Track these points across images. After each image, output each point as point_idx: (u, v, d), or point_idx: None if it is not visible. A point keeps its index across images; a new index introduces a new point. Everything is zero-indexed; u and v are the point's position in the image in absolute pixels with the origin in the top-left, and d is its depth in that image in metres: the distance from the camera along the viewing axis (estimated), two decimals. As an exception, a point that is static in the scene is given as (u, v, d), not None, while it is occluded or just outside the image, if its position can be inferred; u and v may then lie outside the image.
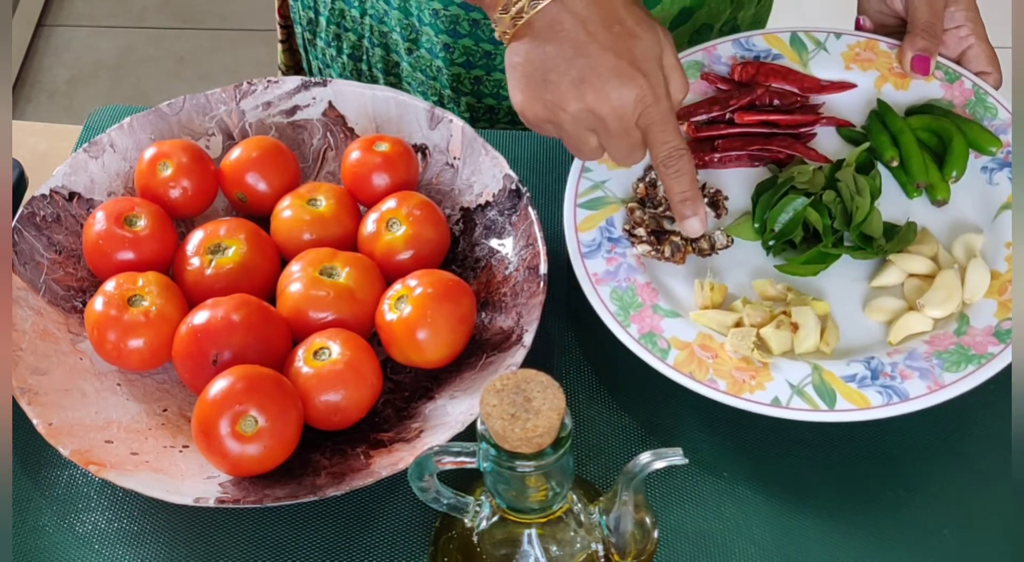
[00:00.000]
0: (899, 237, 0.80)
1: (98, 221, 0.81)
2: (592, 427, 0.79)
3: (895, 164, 0.85)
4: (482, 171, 0.85)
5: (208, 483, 0.71)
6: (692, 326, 0.77)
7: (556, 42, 0.73)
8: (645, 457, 0.59)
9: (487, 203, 0.85)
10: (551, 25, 0.73)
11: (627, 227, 0.83)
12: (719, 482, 0.76)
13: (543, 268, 0.78)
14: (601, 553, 0.63)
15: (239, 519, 0.74)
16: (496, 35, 0.76)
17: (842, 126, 0.88)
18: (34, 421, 0.73)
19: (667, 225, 0.83)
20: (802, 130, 0.88)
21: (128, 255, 0.80)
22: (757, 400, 0.73)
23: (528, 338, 0.75)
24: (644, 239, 0.82)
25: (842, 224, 0.81)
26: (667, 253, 0.81)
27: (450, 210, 0.87)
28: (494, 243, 0.83)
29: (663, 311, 0.78)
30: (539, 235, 0.80)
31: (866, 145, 0.86)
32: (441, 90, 1.02)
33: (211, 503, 0.69)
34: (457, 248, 0.85)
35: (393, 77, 1.05)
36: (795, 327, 0.77)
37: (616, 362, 0.79)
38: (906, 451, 0.77)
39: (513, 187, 0.83)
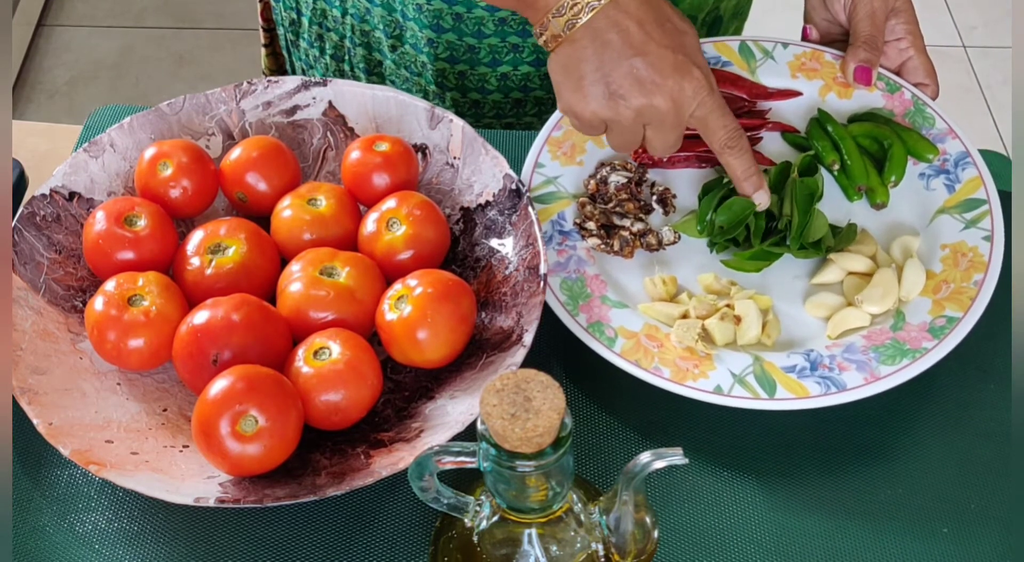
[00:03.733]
0: (840, 237, 0.83)
1: (98, 221, 0.80)
2: (592, 427, 0.79)
3: (836, 168, 0.87)
4: (482, 171, 0.85)
5: (208, 483, 0.71)
6: (639, 317, 0.80)
7: (615, 42, 0.75)
8: (645, 457, 0.59)
9: (487, 203, 0.85)
10: (609, 26, 0.75)
11: (578, 221, 0.85)
12: (719, 482, 0.76)
13: (543, 268, 0.78)
14: (601, 553, 0.63)
15: (239, 519, 0.74)
16: (540, 40, 0.78)
17: (787, 131, 0.91)
18: (34, 421, 0.73)
19: (616, 220, 0.85)
20: (749, 134, 0.90)
21: (128, 255, 0.80)
22: (700, 387, 0.75)
23: (528, 338, 0.75)
24: (594, 233, 0.84)
25: (784, 225, 0.84)
26: (616, 247, 0.84)
27: (450, 210, 0.87)
28: (494, 243, 0.83)
29: (611, 302, 0.80)
30: (539, 235, 0.80)
31: (812, 153, 0.88)
32: (426, 86, 1.02)
33: (211, 503, 0.69)
34: (457, 248, 0.85)
35: (376, 76, 1.05)
36: (738, 320, 0.79)
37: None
38: (905, 450, 0.78)
39: (513, 187, 0.83)
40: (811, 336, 0.80)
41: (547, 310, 0.78)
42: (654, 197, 0.88)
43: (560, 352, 0.82)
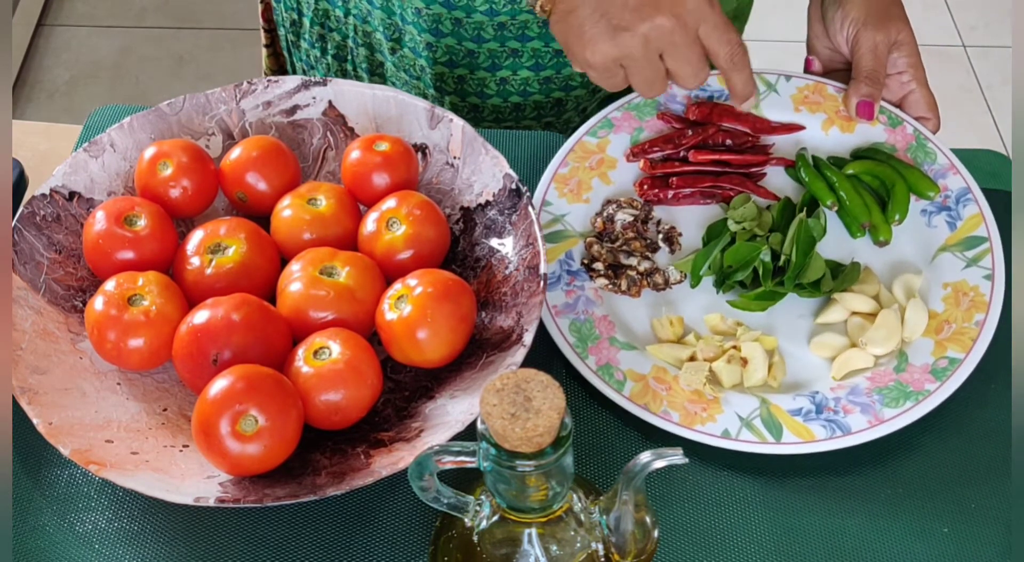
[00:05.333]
0: (843, 276, 0.84)
1: (98, 221, 0.80)
2: (592, 426, 0.79)
3: (835, 209, 0.88)
4: (482, 170, 0.85)
5: (208, 483, 0.71)
6: (647, 359, 0.80)
7: None
8: (645, 456, 0.59)
9: (487, 202, 0.85)
10: None
11: (585, 261, 0.86)
12: (719, 482, 0.76)
13: (543, 268, 0.78)
14: (601, 552, 0.63)
15: (239, 519, 0.74)
16: (537, 8, 0.79)
17: (790, 166, 0.92)
18: (34, 421, 0.73)
19: (623, 259, 0.86)
20: (753, 169, 0.91)
21: (128, 255, 0.80)
22: (708, 432, 0.76)
23: (528, 337, 0.75)
24: (602, 273, 0.85)
25: (784, 263, 0.85)
26: (623, 287, 0.85)
27: (450, 209, 0.87)
28: (494, 242, 0.83)
29: (619, 343, 0.81)
30: (539, 234, 0.80)
31: (808, 194, 0.89)
32: (425, 89, 1.02)
33: (211, 503, 0.69)
34: (457, 247, 0.85)
35: (378, 77, 1.05)
36: (744, 362, 0.80)
37: (616, 362, 0.79)
38: (905, 450, 0.78)
39: (513, 186, 0.83)
40: (816, 377, 0.80)
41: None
42: (660, 235, 0.88)
43: (560, 352, 0.82)
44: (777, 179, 0.92)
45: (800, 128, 0.93)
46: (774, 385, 0.79)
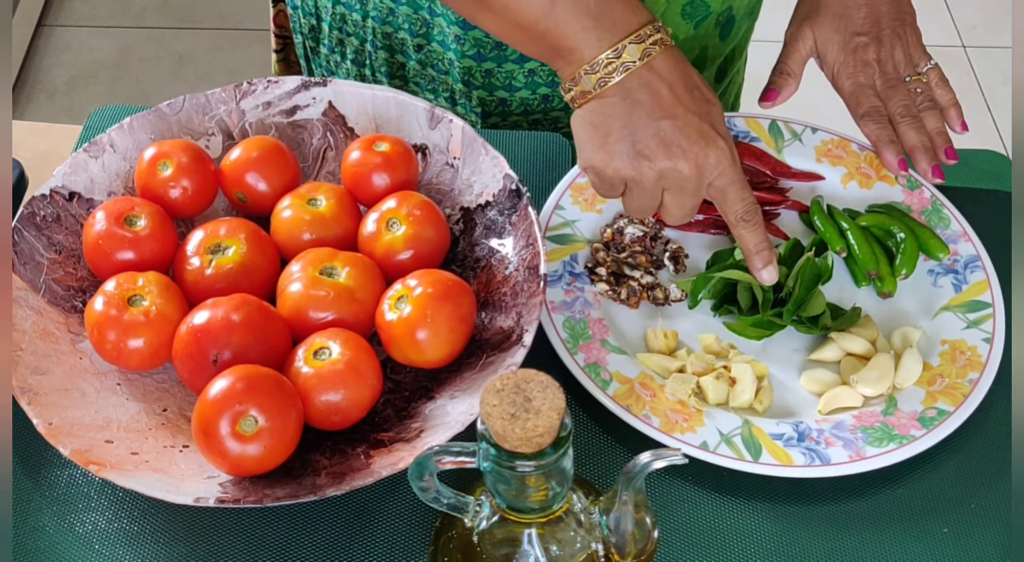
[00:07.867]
0: (844, 318, 0.84)
1: (98, 221, 0.81)
2: (592, 427, 0.79)
3: (843, 255, 0.88)
4: (482, 171, 0.85)
5: (208, 483, 0.71)
6: (636, 365, 0.81)
7: (645, 102, 0.75)
8: (645, 457, 0.59)
9: (487, 203, 0.85)
10: (641, 86, 0.75)
11: (589, 265, 0.86)
12: (719, 481, 0.76)
13: (543, 268, 0.78)
14: (601, 553, 0.63)
15: (239, 519, 0.74)
16: (568, 96, 0.78)
17: (805, 211, 0.92)
18: (34, 421, 0.73)
19: (627, 270, 0.86)
20: (768, 209, 0.91)
21: (128, 255, 0.80)
22: (687, 441, 0.76)
23: (528, 338, 0.75)
24: (603, 278, 0.85)
25: (786, 295, 0.84)
26: (623, 296, 0.85)
27: (450, 210, 0.87)
28: (494, 243, 0.83)
29: (610, 346, 0.81)
30: (539, 235, 0.80)
31: (819, 238, 0.89)
32: (452, 85, 1.02)
33: (211, 503, 0.69)
34: (457, 248, 0.85)
35: (399, 79, 1.05)
36: (733, 382, 0.80)
37: (616, 362, 0.79)
38: (906, 451, 0.78)
39: (513, 187, 0.83)
40: (802, 408, 0.80)
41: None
42: (667, 254, 0.88)
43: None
44: (790, 222, 0.91)
45: (819, 178, 0.93)
46: (759, 409, 0.79)
